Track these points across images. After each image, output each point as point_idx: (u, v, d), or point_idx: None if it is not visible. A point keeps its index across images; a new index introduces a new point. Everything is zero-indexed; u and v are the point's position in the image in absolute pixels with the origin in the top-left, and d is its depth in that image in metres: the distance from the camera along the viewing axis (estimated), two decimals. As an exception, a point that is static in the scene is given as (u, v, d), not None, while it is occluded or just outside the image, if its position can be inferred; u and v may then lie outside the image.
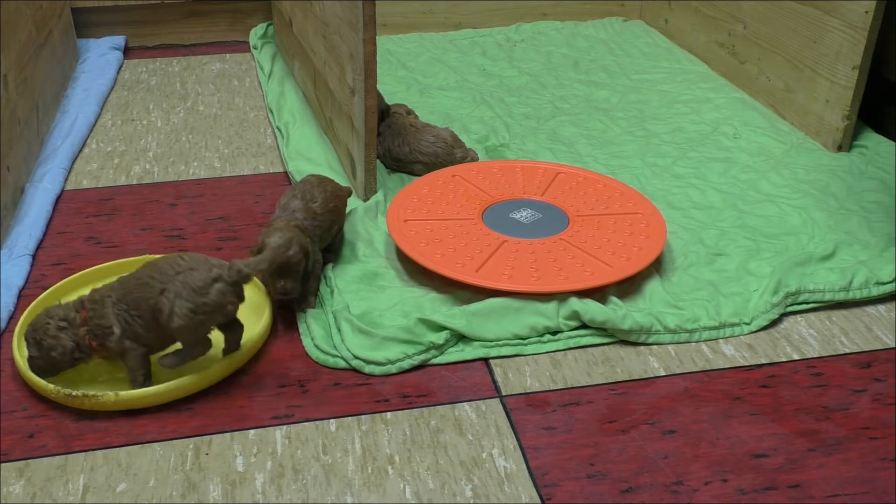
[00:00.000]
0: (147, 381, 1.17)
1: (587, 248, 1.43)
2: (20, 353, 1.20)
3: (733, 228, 1.56)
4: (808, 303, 1.38)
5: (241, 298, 1.16)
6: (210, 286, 1.12)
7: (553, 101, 2.11)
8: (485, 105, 2.07)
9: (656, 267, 1.44)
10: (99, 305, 1.15)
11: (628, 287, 1.39)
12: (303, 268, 1.30)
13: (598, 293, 1.35)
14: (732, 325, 1.33)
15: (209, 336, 1.17)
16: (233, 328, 1.20)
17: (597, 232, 1.48)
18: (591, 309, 1.30)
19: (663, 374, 1.24)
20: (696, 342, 1.31)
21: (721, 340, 1.31)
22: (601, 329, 1.31)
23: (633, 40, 2.49)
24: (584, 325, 1.32)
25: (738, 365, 1.26)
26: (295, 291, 1.29)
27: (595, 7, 2.65)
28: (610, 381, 1.23)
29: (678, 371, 1.25)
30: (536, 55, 2.40)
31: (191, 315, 1.11)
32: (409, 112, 1.86)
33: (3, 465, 1.08)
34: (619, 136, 1.93)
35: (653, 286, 1.39)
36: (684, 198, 1.67)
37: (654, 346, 1.30)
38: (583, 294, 1.34)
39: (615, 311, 1.30)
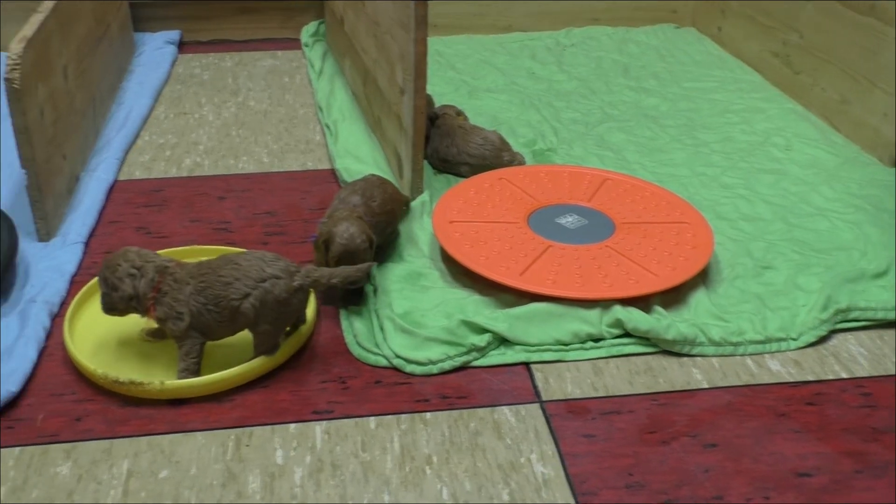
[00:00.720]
0: (198, 370, 1.19)
1: (632, 256, 1.42)
2: (71, 339, 1.23)
3: (782, 241, 1.54)
4: (858, 321, 1.35)
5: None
6: (293, 297, 1.18)
7: (602, 107, 2.09)
8: (533, 109, 2.07)
9: (702, 278, 1.42)
10: (177, 287, 1.16)
11: (673, 297, 1.37)
12: (369, 257, 1.31)
13: (642, 302, 1.34)
14: (779, 339, 1.31)
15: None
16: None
17: (643, 240, 1.47)
18: (634, 317, 1.29)
19: (706, 386, 1.23)
20: (741, 356, 1.29)
21: (767, 355, 1.29)
22: (644, 338, 1.30)
23: (685, 47, 2.47)
24: (627, 334, 1.31)
25: (784, 381, 1.24)
26: (362, 280, 1.30)
27: (647, 13, 2.63)
28: (652, 391, 1.22)
29: (722, 384, 1.23)
30: (586, 60, 2.39)
31: (275, 322, 1.18)
32: (459, 113, 1.86)
33: (51, 446, 1.10)
34: (668, 144, 1.91)
35: (698, 297, 1.37)
36: (732, 209, 1.65)
37: (698, 358, 1.28)
38: (627, 302, 1.33)
39: (659, 321, 1.29)
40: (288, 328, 1.24)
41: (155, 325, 1.23)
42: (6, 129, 1.75)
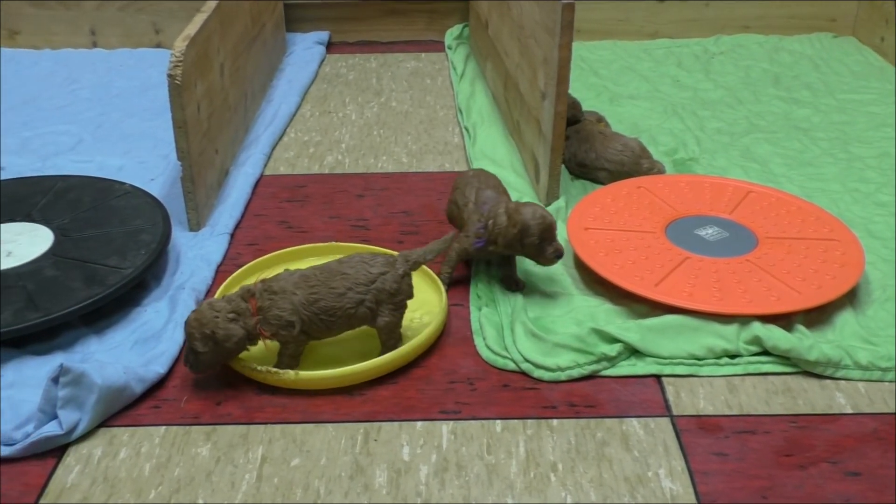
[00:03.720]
0: (297, 364, 1.23)
1: (775, 272, 1.37)
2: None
3: (942, 264, 1.44)
4: None
5: None
6: (401, 284, 1.22)
7: (749, 117, 2.02)
8: (676, 117, 2.02)
9: (850, 298, 1.35)
10: (279, 298, 1.19)
11: (817, 316, 1.31)
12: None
13: (783, 320, 1.28)
14: (933, 368, 1.23)
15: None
16: None
17: (787, 256, 1.41)
18: (775, 335, 1.24)
19: (850, 411, 1.17)
20: (890, 382, 1.22)
21: (919, 384, 1.22)
22: (784, 357, 1.25)
23: (842, 58, 2.35)
24: (765, 352, 1.26)
25: (937, 412, 1.17)
26: (561, 251, 1.34)
27: (802, 22, 2.52)
28: (790, 412, 1.17)
29: (867, 410, 1.17)
30: (735, 69, 2.31)
31: (393, 313, 1.23)
32: (600, 120, 1.84)
33: (193, 427, 1.16)
34: (819, 157, 1.83)
35: (845, 318, 1.31)
36: (886, 227, 1.56)
37: (842, 382, 1.22)
38: (767, 319, 1.28)
39: (801, 341, 1.23)
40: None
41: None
42: (162, 123, 1.86)
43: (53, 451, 1.12)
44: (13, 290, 1.32)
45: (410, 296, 1.25)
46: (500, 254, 1.39)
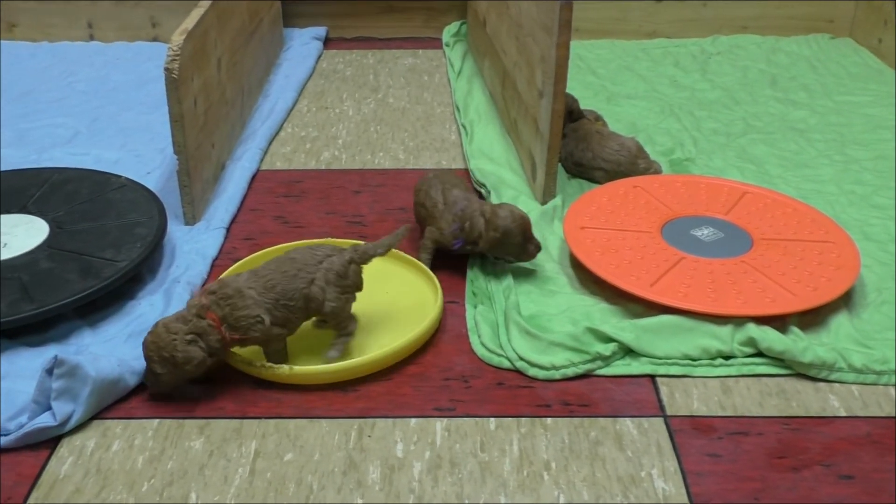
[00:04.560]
0: (286, 358, 1.23)
1: (770, 274, 1.37)
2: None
3: (936, 268, 1.45)
4: None
5: None
6: (348, 269, 1.23)
7: (745, 118, 2.03)
8: (673, 117, 2.02)
9: (845, 301, 1.35)
10: (237, 299, 1.17)
11: (812, 318, 1.31)
12: None
13: (778, 321, 1.29)
14: (927, 371, 1.23)
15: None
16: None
17: (782, 257, 1.41)
18: (769, 337, 1.24)
19: (844, 414, 1.17)
20: (885, 385, 1.22)
21: (912, 386, 1.22)
22: (778, 359, 1.25)
23: (839, 59, 2.36)
24: (759, 354, 1.26)
25: (930, 415, 1.17)
26: (540, 245, 1.41)
27: (800, 23, 2.52)
28: (783, 414, 1.17)
29: (861, 413, 1.17)
30: (732, 69, 2.31)
31: (340, 297, 1.22)
32: (598, 119, 1.84)
33: (186, 421, 1.16)
34: (815, 158, 1.83)
35: (840, 320, 1.31)
36: (882, 230, 1.56)
37: (836, 384, 1.22)
38: (761, 321, 1.28)
39: (795, 343, 1.23)
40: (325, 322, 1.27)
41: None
42: (159, 117, 1.86)
43: (47, 443, 1.12)
44: (8, 281, 1.32)
45: (359, 286, 1.26)
46: (475, 252, 1.43)
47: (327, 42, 2.59)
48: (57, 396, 1.12)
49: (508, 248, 1.40)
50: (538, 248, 1.41)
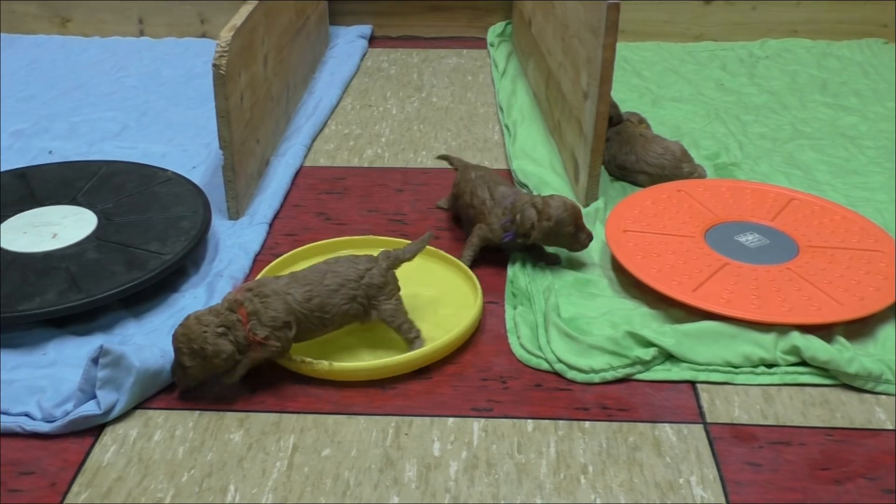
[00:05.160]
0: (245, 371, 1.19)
1: (816, 282, 1.35)
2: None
3: None
4: None
5: None
6: (387, 275, 1.25)
7: (793, 123, 1.99)
8: (719, 121, 2.00)
9: (894, 311, 1.32)
10: (272, 299, 1.17)
11: (859, 328, 1.29)
12: None
13: (823, 331, 1.26)
14: (977, 385, 1.20)
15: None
16: None
17: (829, 266, 1.39)
18: (814, 346, 1.22)
19: (890, 427, 1.15)
20: (932, 398, 1.20)
21: (961, 401, 1.19)
22: (822, 369, 1.23)
23: (892, 64, 2.31)
24: (803, 363, 1.24)
25: (979, 430, 1.14)
26: (592, 235, 1.42)
27: (852, 27, 2.47)
28: (827, 425, 1.15)
29: (907, 427, 1.15)
30: (780, 73, 2.28)
31: (391, 301, 1.25)
32: (641, 121, 1.83)
33: (227, 413, 1.17)
34: (865, 166, 1.80)
35: (888, 331, 1.28)
36: (933, 240, 1.53)
37: (882, 396, 1.20)
38: (806, 329, 1.26)
39: (841, 353, 1.21)
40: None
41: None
42: (206, 112, 1.88)
43: (91, 430, 1.14)
44: (57, 271, 1.35)
45: (398, 288, 1.27)
46: (526, 245, 1.44)
47: (372, 40, 2.60)
48: (102, 385, 1.14)
49: (560, 238, 1.40)
50: (590, 237, 1.41)
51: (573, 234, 1.40)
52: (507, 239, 1.43)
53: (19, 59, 2.39)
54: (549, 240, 1.41)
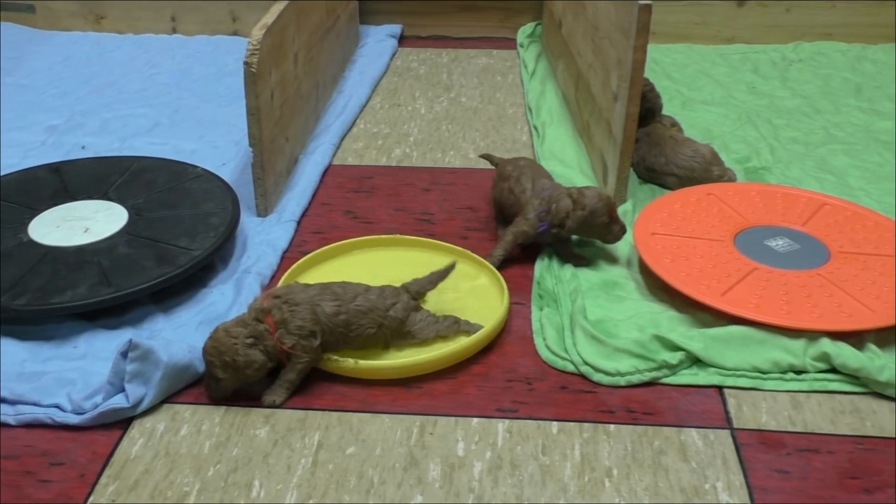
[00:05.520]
0: (290, 394, 1.20)
1: (847, 288, 1.33)
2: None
3: None
4: None
5: None
6: (408, 309, 1.26)
7: (826, 128, 1.97)
8: (750, 124, 1.98)
9: (926, 319, 1.31)
10: (301, 308, 1.18)
11: (890, 336, 1.27)
12: None
13: (854, 338, 1.25)
14: None
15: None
16: None
17: (861, 272, 1.37)
18: (844, 353, 1.21)
19: (920, 436, 1.13)
20: (964, 408, 1.18)
21: None
22: (853, 377, 1.21)
23: (927, 69, 2.28)
24: (833, 370, 1.23)
25: None
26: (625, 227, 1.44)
27: (888, 30, 2.44)
28: (857, 433, 1.14)
29: (938, 437, 1.13)
30: (814, 77, 2.25)
31: (395, 340, 1.26)
32: (674, 124, 1.82)
33: (253, 409, 1.18)
34: (899, 171, 1.78)
35: (919, 339, 1.27)
36: (968, 248, 1.51)
37: (914, 405, 1.18)
38: (836, 336, 1.24)
39: (872, 360, 1.20)
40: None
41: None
42: (236, 110, 1.89)
43: (120, 423, 1.15)
44: (89, 265, 1.36)
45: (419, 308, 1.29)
46: (559, 237, 1.45)
47: (402, 40, 2.60)
48: (130, 379, 1.15)
49: (594, 229, 1.42)
50: (623, 229, 1.43)
51: (607, 224, 1.41)
52: (542, 230, 1.43)
53: (55, 55, 2.42)
54: (582, 230, 1.42)
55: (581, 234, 1.45)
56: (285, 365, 1.19)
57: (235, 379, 1.16)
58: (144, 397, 1.16)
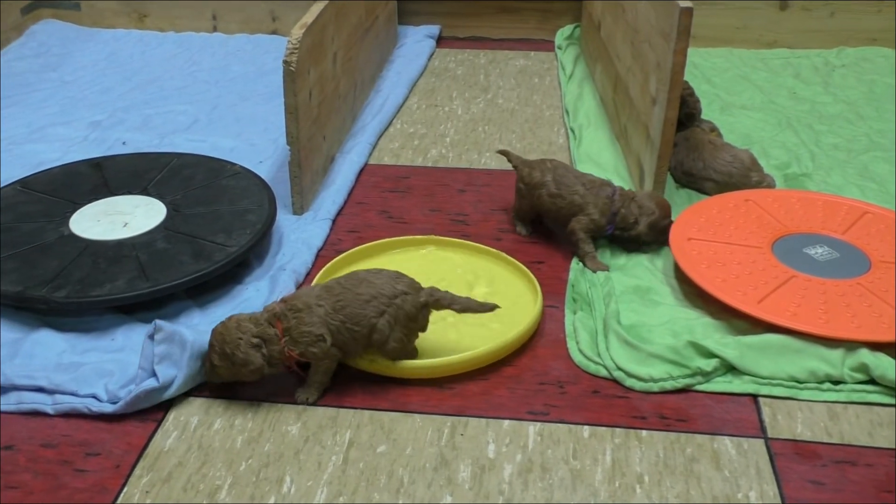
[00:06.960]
0: (322, 392, 1.20)
1: (888, 299, 1.31)
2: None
3: None
4: None
5: None
6: (419, 312, 1.20)
7: (869, 134, 1.94)
8: (790, 130, 1.96)
9: (968, 331, 1.28)
10: (304, 314, 1.17)
11: (931, 348, 1.25)
12: None
13: (893, 349, 1.23)
14: None
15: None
16: None
17: (902, 282, 1.35)
18: (883, 364, 1.19)
19: (960, 451, 1.11)
20: None
21: None
22: (892, 388, 1.19)
23: (974, 77, 2.24)
24: (872, 381, 1.21)
25: None
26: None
27: (935, 36, 2.40)
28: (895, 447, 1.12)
29: (979, 451, 1.11)
30: (857, 83, 2.22)
31: (402, 340, 1.20)
32: (713, 129, 1.80)
33: (285, 406, 1.19)
34: (943, 180, 1.74)
35: (961, 352, 1.24)
36: None
37: (954, 419, 1.16)
38: (876, 347, 1.22)
39: (912, 372, 1.18)
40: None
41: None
42: (274, 108, 1.91)
43: (154, 415, 1.16)
44: (128, 259, 1.38)
45: (424, 329, 1.22)
46: (620, 238, 1.50)
47: (440, 41, 2.61)
48: (160, 361, 1.16)
49: (656, 231, 1.47)
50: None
51: (667, 227, 1.47)
52: (609, 232, 1.48)
53: (98, 52, 2.46)
54: (650, 233, 1.47)
55: (647, 237, 1.48)
56: (290, 370, 1.19)
57: (229, 371, 1.17)
58: (175, 379, 1.17)
